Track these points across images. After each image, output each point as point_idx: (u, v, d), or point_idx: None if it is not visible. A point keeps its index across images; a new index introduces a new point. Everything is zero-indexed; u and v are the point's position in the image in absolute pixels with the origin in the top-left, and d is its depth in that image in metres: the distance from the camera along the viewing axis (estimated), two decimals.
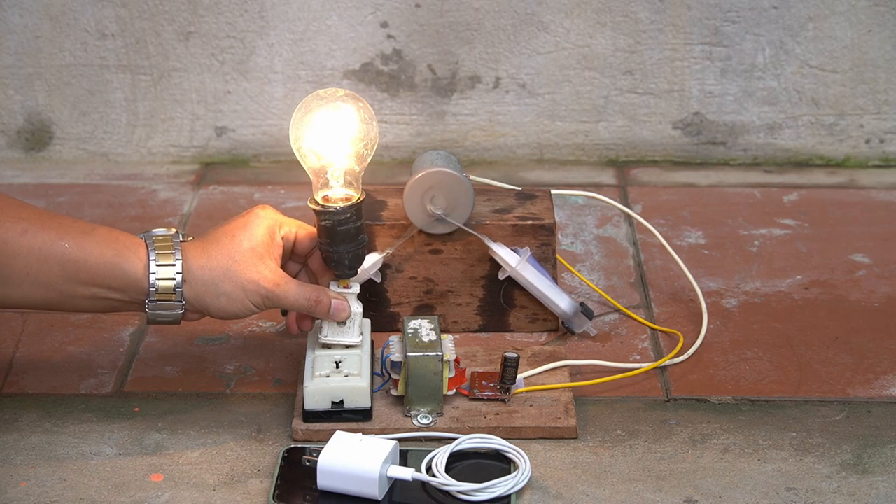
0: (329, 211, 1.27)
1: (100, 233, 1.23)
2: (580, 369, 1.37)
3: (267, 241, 1.27)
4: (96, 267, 1.22)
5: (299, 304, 1.27)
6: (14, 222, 1.20)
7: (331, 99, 1.29)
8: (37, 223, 1.21)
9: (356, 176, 1.29)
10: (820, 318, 1.48)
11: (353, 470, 1.17)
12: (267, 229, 1.27)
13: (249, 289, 1.25)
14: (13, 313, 1.46)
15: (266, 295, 1.25)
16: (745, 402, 1.34)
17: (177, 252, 1.24)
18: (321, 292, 1.28)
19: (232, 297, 1.25)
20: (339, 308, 1.28)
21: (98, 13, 1.78)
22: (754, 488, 1.22)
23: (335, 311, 1.28)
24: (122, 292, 1.23)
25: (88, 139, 1.84)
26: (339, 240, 1.28)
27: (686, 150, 1.85)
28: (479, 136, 1.84)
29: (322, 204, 1.28)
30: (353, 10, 1.78)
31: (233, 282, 1.24)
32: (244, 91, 1.81)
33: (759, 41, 1.79)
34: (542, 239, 1.43)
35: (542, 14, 1.78)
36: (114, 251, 1.22)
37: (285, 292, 1.26)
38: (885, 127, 1.82)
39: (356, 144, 1.29)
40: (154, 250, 1.23)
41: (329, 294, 1.28)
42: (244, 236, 1.26)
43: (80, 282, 1.22)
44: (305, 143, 1.28)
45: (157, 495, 1.20)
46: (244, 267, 1.25)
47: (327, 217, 1.27)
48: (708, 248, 1.63)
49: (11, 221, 1.20)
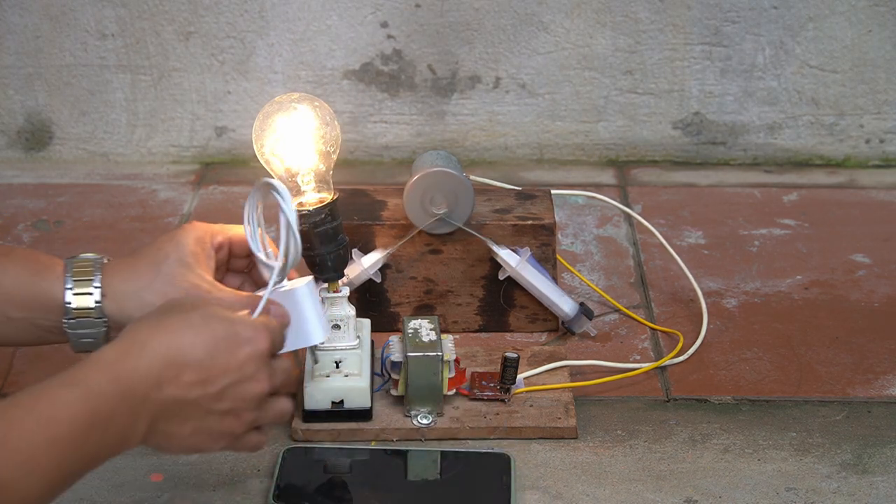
0: (303, 214, 1.26)
1: (17, 254, 1.16)
2: (580, 369, 1.37)
3: (196, 251, 1.18)
4: (13, 287, 1.15)
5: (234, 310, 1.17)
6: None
7: (286, 103, 1.29)
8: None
9: (324, 177, 1.29)
10: (820, 318, 1.48)
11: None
12: (196, 240, 1.19)
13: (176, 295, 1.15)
14: None
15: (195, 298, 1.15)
16: (745, 402, 1.34)
17: (96, 270, 1.16)
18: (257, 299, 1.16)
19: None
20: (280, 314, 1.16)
21: (98, 13, 1.78)
22: (754, 488, 1.22)
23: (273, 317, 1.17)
24: (42, 314, 1.15)
25: (88, 139, 1.84)
26: (318, 242, 1.27)
27: (686, 150, 1.85)
28: (479, 136, 1.84)
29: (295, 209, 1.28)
30: (353, 10, 1.78)
31: (159, 293, 1.15)
32: (244, 91, 1.81)
33: (759, 41, 1.79)
34: (542, 239, 1.43)
35: (542, 14, 1.78)
36: (30, 272, 1.15)
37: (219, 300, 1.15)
38: (885, 127, 1.82)
39: (317, 143, 1.29)
40: (71, 269, 1.15)
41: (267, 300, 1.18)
42: (171, 248, 1.17)
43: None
44: (267, 149, 1.29)
45: (157, 495, 1.20)
46: (171, 277, 1.16)
47: (302, 220, 1.27)
48: (708, 248, 1.63)
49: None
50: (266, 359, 1.07)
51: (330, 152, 1.30)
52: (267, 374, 1.07)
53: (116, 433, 0.99)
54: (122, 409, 0.99)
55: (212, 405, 1.04)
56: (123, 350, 1.01)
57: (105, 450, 0.99)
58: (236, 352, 1.05)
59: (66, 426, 0.96)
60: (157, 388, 1.01)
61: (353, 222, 1.42)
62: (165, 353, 1.02)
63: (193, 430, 1.05)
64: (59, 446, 0.95)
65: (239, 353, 1.05)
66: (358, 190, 1.49)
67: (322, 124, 1.29)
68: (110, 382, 0.99)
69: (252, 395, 1.06)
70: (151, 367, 1.01)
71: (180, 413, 1.03)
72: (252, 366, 1.06)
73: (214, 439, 1.06)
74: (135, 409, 1.00)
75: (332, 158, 1.30)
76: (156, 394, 1.01)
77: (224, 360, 1.04)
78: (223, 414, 1.05)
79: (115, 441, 1.00)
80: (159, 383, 1.01)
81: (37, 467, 0.94)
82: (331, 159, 1.30)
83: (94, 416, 0.97)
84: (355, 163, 1.85)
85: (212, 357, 1.04)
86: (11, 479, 0.92)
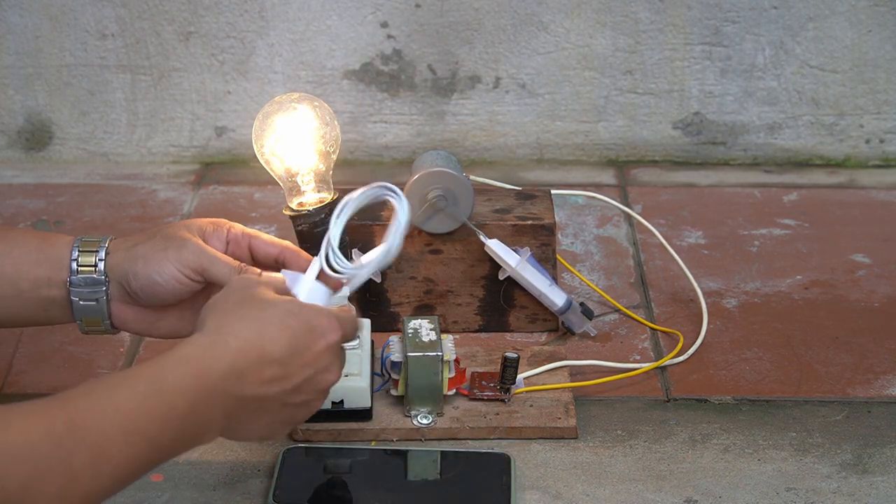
0: (303, 214, 1.27)
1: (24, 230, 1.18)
2: (580, 369, 1.37)
3: (206, 228, 1.18)
4: (21, 257, 1.16)
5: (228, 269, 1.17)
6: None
7: (286, 103, 1.29)
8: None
9: (324, 177, 1.29)
10: (820, 318, 1.48)
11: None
12: (211, 221, 1.19)
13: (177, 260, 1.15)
14: None
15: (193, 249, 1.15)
16: (745, 402, 1.34)
17: (103, 241, 1.18)
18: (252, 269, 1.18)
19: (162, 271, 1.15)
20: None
21: (98, 13, 1.78)
22: (754, 488, 1.22)
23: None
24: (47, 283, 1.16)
25: (88, 139, 1.84)
26: (317, 243, 1.27)
27: (686, 150, 1.85)
28: (479, 136, 1.84)
29: (295, 209, 1.28)
30: (353, 10, 1.78)
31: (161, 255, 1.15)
32: (244, 91, 1.81)
33: (759, 41, 1.79)
34: (542, 239, 1.43)
35: (542, 14, 1.78)
36: (39, 240, 1.17)
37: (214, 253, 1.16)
38: (885, 127, 1.82)
39: (317, 143, 1.29)
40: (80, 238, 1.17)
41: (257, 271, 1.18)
42: (181, 223, 1.19)
43: (4, 275, 1.15)
44: (267, 149, 1.29)
45: (157, 495, 1.20)
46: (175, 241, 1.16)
47: (302, 220, 1.27)
48: (708, 248, 1.63)
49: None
50: (339, 349, 1.08)
51: (330, 152, 1.30)
52: (339, 364, 1.09)
53: (193, 428, 0.99)
54: (201, 406, 0.99)
55: (288, 398, 1.05)
56: (205, 345, 1.01)
57: (180, 444, 0.99)
58: (314, 345, 1.05)
59: (143, 421, 0.95)
60: (238, 384, 1.01)
61: (353, 222, 1.42)
62: (249, 350, 1.02)
63: (268, 423, 1.05)
64: (133, 440, 0.94)
65: (316, 346, 1.06)
66: None
67: (322, 124, 1.30)
68: (191, 378, 0.99)
69: (325, 385, 1.07)
70: (234, 364, 1.01)
71: (258, 408, 1.04)
72: (327, 357, 1.07)
73: (285, 426, 1.08)
74: (214, 406, 1.00)
75: (331, 158, 1.30)
76: (236, 390, 1.01)
77: (303, 355, 1.05)
78: (297, 406, 1.06)
79: (192, 435, 0.99)
80: (240, 380, 1.01)
81: (110, 460, 0.93)
82: (331, 159, 1.30)
83: (172, 411, 0.97)
84: (355, 163, 1.85)
85: (292, 353, 1.04)
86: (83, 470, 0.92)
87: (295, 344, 1.04)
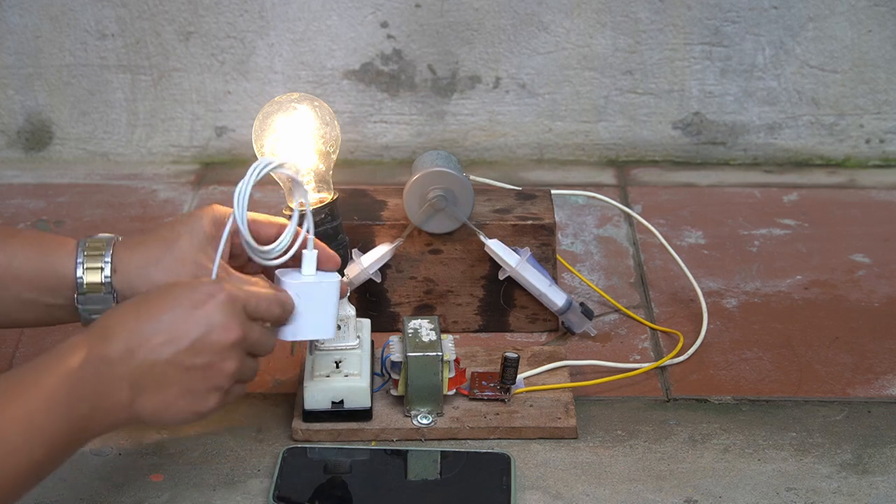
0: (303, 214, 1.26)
1: (25, 234, 1.17)
2: (580, 369, 1.37)
3: (211, 233, 1.17)
4: (22, 267, 1.15)
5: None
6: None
7: (285, 103, 1.29)
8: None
9: (324, 177, 1.29)
10: (820, 318, 1.48)
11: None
12: (212, 221, 1.17)
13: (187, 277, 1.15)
14: None
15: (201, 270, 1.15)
16: (745, 402, 1.34)
17: (108, 247, 1.16)
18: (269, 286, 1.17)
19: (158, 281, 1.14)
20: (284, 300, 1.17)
21: (98, 13, 1.78)
22: (754, 488, 1.22)
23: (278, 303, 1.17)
24: (51, 293, 1.16)
25: (88, 139, 1.84)
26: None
27: (686, 150, 1.85)
28: (479, 136, 1.84)
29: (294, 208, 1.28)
30: (353, 10, 1.78)
31: (168, 270, 1.14)
32: (244, 91, 1.81)
33: (759, 41, 1.79)
34: (542, 239, 1.43)
35: (542, 14, 1.78)
36: (39, 249, 1.15)
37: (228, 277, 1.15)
38: (885, 127, 1.82)
39: (317, 143, 1.29)
40: (83, 248, 1.15)
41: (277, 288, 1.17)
42: (184, 228, 1.17)
43: (6, 286, 1.14)
44: (267, 149, 1.29)
45: (157, 495, 1.20)
46: (181, 255, 1.15)
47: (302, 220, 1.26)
48: (708, 248, 1.63)
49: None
50: (232, 307, 1.08)
51: (329, 152, 1.30)
52: (238, 321, 1.08)
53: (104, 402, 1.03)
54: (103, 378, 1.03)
55: (188, 360, 1.06)
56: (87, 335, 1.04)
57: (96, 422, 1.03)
58: (200, 306, 1.07)
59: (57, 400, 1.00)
60: (129, 356, 1.04)
61: (353, 222, 1.42)
62: (133, 326, 1.05)
63: (179, 393, 1.06)
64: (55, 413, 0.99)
65: (203, 307, 1.07)
66: (358, 190, 1.49)
67: (322, 124, 1.30)
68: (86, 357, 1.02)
69: (225, 343, 1.07)
70: (119, 339, 1.04)
71: (160, 376, 1.05)
72: (219, 315, 1.07)
73: (203, 397, 1.08)
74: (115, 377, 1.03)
75: (331, 158, 1.30)
76: (130, 361, 1.04)
77: (187, 315, 1.06)
78: (204, 368, 1.07)
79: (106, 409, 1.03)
80: (130, 350, 1.04)
81: (37, 432, 0.98)
82: (330, 159, 1.30)
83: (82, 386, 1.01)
84: (355, 163, 1.85)
85: (175, 316, 1.06)
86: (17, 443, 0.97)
87: (177, 307, 1.06)
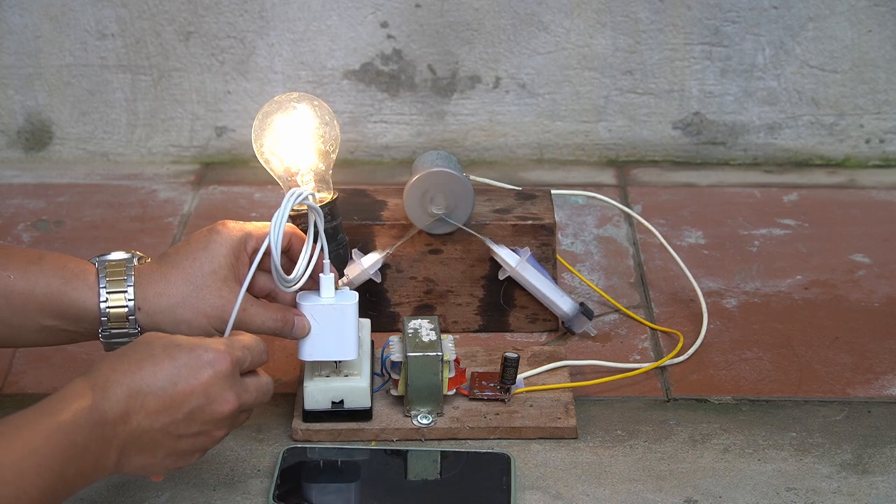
0: (303, 214, 1.27)
1: (47, 261, 1.16)
2: (580, 369, 1.37)
3: (231, 262, 1.18)
4: (44, 297, 1.14)
5: (266, 326, 1.18)
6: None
7: (285, 102, 1.29)
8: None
9: (323, 176, 1.30)
10: (820, 318, 1.48)
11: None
12: (231, 249, 1.18)
13: (212, 315, 1.16)
14: None
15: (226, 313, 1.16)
16: (745, 402, 1.34)
17: (129, 278, 1.15)
18: (286, 311, 1.20)
19: (192, 325, 1.16)
20: (301, 326, 1.21)
21: (98, 13, 1.78)
22: (754, 488, 1.22)
23: (298, 330, 1.21)
24: (74, 323, 1.16)
25: (88, 139, 1.84)
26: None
27: (686, 150, 1.85)
28: (479, 136, 1.84)
29: (296, 209, 1.28)
30: (353, 10, 1.78)
31: (193, 309, 1.15)
32: (244, 91, 1.81)
33: (759, 41, 1.79)
34: (542, 239, 1.43)
35: (542, 14, 1.78)
36: (61, 280, 1.15)
37: (252, 317, 1.17)
38: (885, 127, 1.82)
39: (316, 143, 1.29)
40: (105, 277, 1.15)
41: (293, 311, 1.21)
42: (205, 258, 1.17)
43: (28, 314, 1.14)
44: (267, 148, 1.29)
45: (157, 495, 1.20)
46: (206, 292, 1.16)
47: (302, 220, 1.27)
48: (708, 248, 1.63)
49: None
50: (230, 378, 1.08)
51: (329, 152, 1.30)
52: (234, 393, 1.08)
53: (91, 463, 1.02)
54: (95, 439, 1.01)
55: (181, 429, 1.06)
56: (91, 385, 1.03)
57: (81, 479, 1.02)
58: (198, 375, 1.06)
59: (50, 456, 0.98)
60: (124, 419, 1.03)
61: (353, 222, 1.42)
62: (129, 385, 1.03)
63: (166, 455, 1.07)
64: (44, 474, 0.98)
65: (201, 375, 1.06)
66: (358, 190, 1.49)
67: (321, 124, 1.30)
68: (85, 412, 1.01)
69: (221, 415, 1.08)
70: (118, 400, 1.03)
71: (150, 443, 1.05)
72: (217, 387, 1.07)
73: (189, 456, 1.09)
74: (107, 440, 1.02)
75: (331, 158, 1.30)
76: (123, 426, 1.03)
77: (186, 384, 1.06)
78: (194, 436, 1.07)
79: (90, 470, 1.02)
80: (126, 414, 1.03)
81: (24, 495, 0.97)
82: (330, 159, 1.30)
83: (72, 447, 1.00)
84: (355, 163, 1.85)
85: (173, 383, 1.05)
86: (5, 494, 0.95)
87: (175, 375, 1.06)
